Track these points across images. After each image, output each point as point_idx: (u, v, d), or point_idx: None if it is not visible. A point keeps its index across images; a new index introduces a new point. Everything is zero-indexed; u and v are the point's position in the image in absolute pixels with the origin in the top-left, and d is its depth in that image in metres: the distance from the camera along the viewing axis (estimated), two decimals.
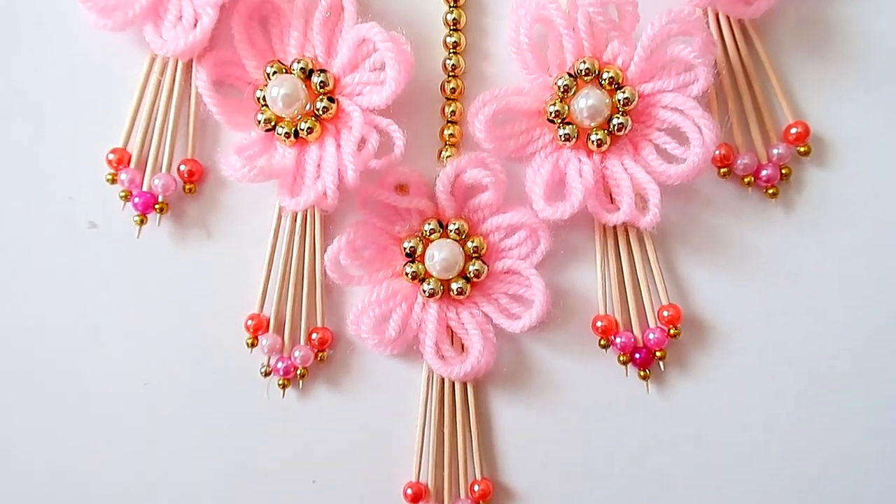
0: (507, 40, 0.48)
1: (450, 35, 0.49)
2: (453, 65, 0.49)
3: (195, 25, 0.46)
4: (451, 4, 0.49)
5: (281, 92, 0.46)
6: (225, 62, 0.49)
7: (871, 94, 0.50)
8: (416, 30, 0.50)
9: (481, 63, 0.50)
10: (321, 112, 0.47)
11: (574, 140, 0.47)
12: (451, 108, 0.50)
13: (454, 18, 0.49)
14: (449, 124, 0.50)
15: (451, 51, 0.49)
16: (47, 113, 0.50)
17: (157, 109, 0.50)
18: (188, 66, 0.49)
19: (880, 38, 0.50)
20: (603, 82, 0.47)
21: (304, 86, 0.47)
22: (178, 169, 0.49)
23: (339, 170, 0.46)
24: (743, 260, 0.50)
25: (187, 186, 0.50)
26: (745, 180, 0.50)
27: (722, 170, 0.50)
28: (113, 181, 0.49)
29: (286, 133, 0.47)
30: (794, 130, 0.49)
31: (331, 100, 0.47)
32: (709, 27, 0.49)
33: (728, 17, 0.49)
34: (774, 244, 0.50)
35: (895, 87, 0.50)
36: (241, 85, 0.49)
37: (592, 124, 0.47)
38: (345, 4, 0.47)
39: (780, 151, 0.49)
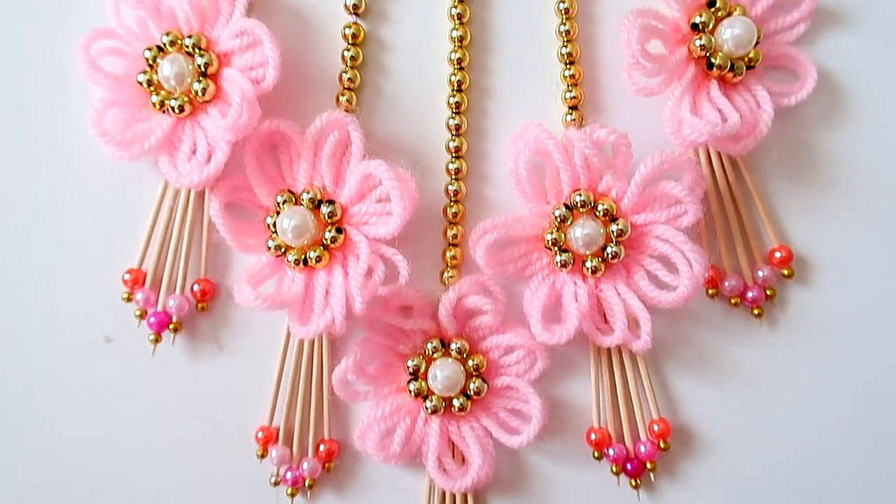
0: (506, 166, 0.51)
1: (452, 161, 0.52)
2: (455, 190, 0.52)
3: (209, 159, 0.49)
4: (454, 133, 0.52)
5: (291, 224, 0.49)
6: (237, 188, 0.51)
7: (852, 216, 0.53)
8: (419, 155, 0.52)
9: (482, 186, 0.53)
10: (329, 242, 0.49)
11: (570, 266, 0.50)
12: (452, 232, 0.52)
13: (456, 146, 0.52)
14: (451, 247, 0.52)
15: (454, 177, 0.52)
16: (65, 235, 0.52)
17: (171, 232, 0.52)
18: (201, 192, 0.51)
19: (861, 164, 0.53)
20: (598, 213, 0.49)
21: (312, 216, 0.49)
22: (192, 289, 0.52)
23: (346, 297, 0.49)
24: (730, 374, 0.53)
25: (200, 305, 0.52)
26: (732, 301, 0.52)
27: (710, 290, 0.52)
28: (128, 300, 0.52)
29: (296, 260, 0.49)
30: (778, 255, 0.52)
31: (339, 230, 0.49)
32: (698, 158, 0.52)
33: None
34: (759, 359, 0.53)
35: (874, 210, 0.53)
36: (252, 207, 0.51)
37: (588, 252, 0.50)
38: (352, 139, 0.49)
39: (765, 274, 0.52)
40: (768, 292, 0.52)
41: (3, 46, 0.53)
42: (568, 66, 0.51)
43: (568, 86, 0.51)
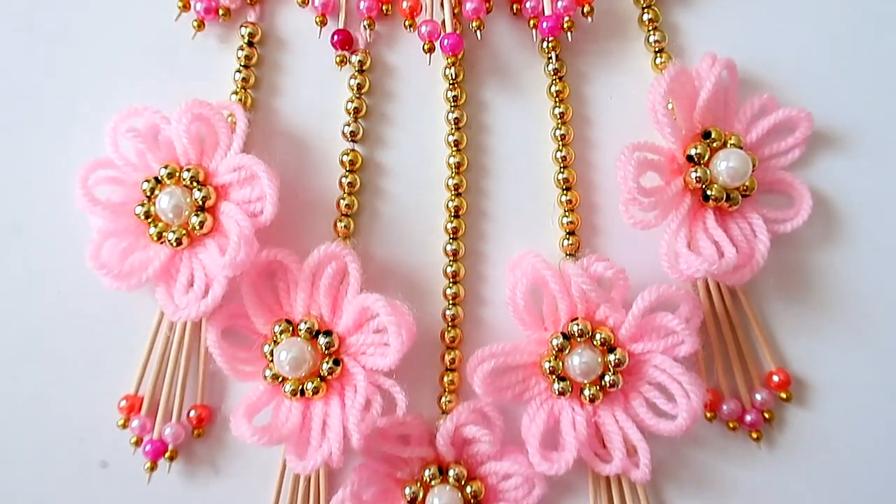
0: (504, 290, 0.51)
1: (449, 286, 0.52)
2: (452, 315, 0.52)
3: (206, 292, 0.49)
4: (451, 258, 0.52)
5: (289, 356, 0.48)
6: (234, 315, 0.51)
7: (849, 338, 0.53)
8: (417, 278, 0.53)
9: (480, 309, 0.53)
10: (327, 374, 0.49)
11: (569, 393, 0.50)
12: (450, 357, 0.52)
13: (454, 271, 0.52)
14: (448, 371, 0.52)
15: (451, 302, 0.52)
16: (61, 359, 0.52)
17: (168, 358, 0.52)
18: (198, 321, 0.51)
19: (856, 285, 0.53)
20: (595, 342, 0.49)
21: (310, 347, 0.49)
22: (188, 415, 0.52)
23: (344, 431, 0.48)
24: (729, 496, 0.52)
25: (196, 431, 0.52)
26: (731, 425, 0.52)
27: (708, 414, 0.52)
28: (124, 426, 0.52)
29: (293, 391, 0.49)
30: (775, 378, 0.52)
31: (336, 362, 0.49)
32: (695, 283, 0.52)
33: None
34: (759, 481, 0.53)
35: (871, 331, 0.53)
36: (249, 333, 0.51)
37: (586, 381, 0.50)
38: (350, 270, 0.49)
39: (763, 397, 0.52)
40: (766, 415, 0.52)
41: (2, 167, 0.52)
42: (564, 192, 0.52)
43: (565, 211, 0.52)
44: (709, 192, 0.49)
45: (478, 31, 0.50)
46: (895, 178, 0.53)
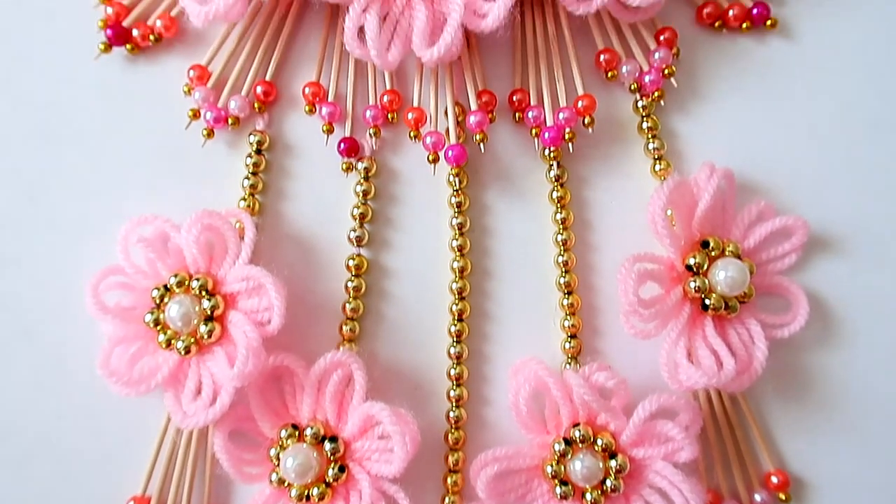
0: (507, 392, 0.52)
1: (453, 388, 0.53)
2: (456, 417, 0.52)
3: (214, 400, 0.50)
4: (455, 361, 0.53)
5: (295, 463, 0.49)
6: (241, 418, 0.51)
7: (847, 437, 0.53)
8: (421, 379, 0.53)
9: (483, 409, 0.53)
10: (332, 480, 0.50)
11: (571, 497, 0.51)
12: (454, 458, 0.53)
13: (457, 374, 0.53)
14: (451, 473, 0.53)
15: (455, 404, 0.53)
16: (69, 459, 0.53)
17: (175, 460, 0.52)
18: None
19: (853, 386, 0.53)
20: (597, 448, 0.50)
21: (316, 453, 0.50)
22: None
23: None
24: None
25: None
26: None
27: None
28: None
29: (298, 496, 0.50)
30: (774, 479, 0.53)
31: (341, 469, 0.50)
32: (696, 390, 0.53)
33: None
34: None
35: (868, 431, 0.53)
36: (255, 435, 0.52)
37: (588, 485, 0.50)
38: (355, 378, 0.50)
39: (763, 498, 0.53)
40: None
41: (14, 271, 0.53)
42: (566, 296, 0.53)
43: (566, 314, 0.53)
44: (708, 302, 0.50)
45: (481, 144, 0.51)
46: (890, 280, 0.54)
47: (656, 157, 0.53)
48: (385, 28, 0.48)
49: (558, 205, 0.53)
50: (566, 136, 0.51)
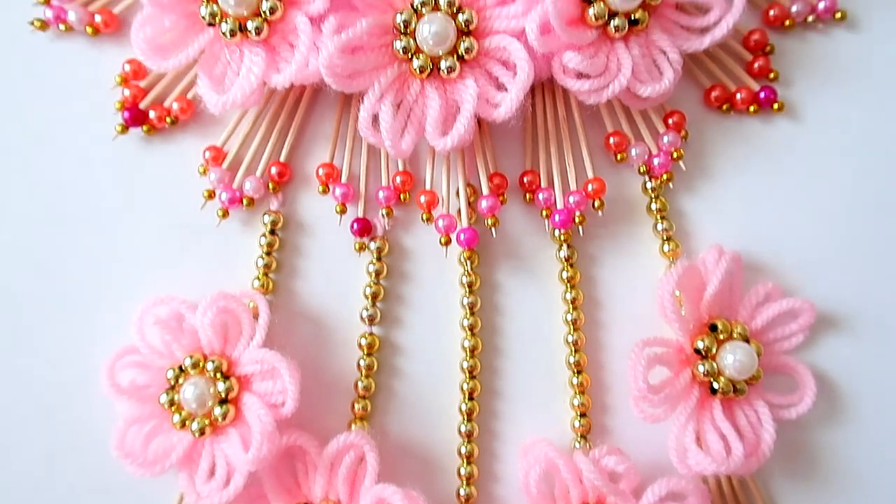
0: (517, 470, 0.52)
1: (463, 466, 0.53)
2: (466, 496, 0.53)
3: (228, 481, 0.50)
4: (465, 439, 0.53)
5: None
6: (254, 497, 0.52)
7: None
8: (431, 456, 0.54)
9: (493, 486, 0.54)
10: None
11: None
12: None
13: (468, 452, 0.53)
14: None
15: (465, 482, 0.53)
16: None
17: None
18: None
19: (858, 465, 0.54)
20: None
21: None
22: None
23: None
24: None
25: None
26: None
27: None
28: None
29: None
30: None
31: None
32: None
33: None
34: None
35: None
36: None
37: None
38: (367, 459, 0.51)
39: None
40: None
41: (30, 349, 0.53)
42: (576, 374, 0.53)
43: (576, 393, 0.53)
44: (716, 385, 0.51)
45: (493, 229, 0.52)
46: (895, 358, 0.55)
47: (665, 237, 0.54)
48: (399, 116, 0.49)
49: (568, 285, 0.54)
50: (576, 220, 0.52)
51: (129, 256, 0.54)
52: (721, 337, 0.52)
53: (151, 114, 0.53)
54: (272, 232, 0.53)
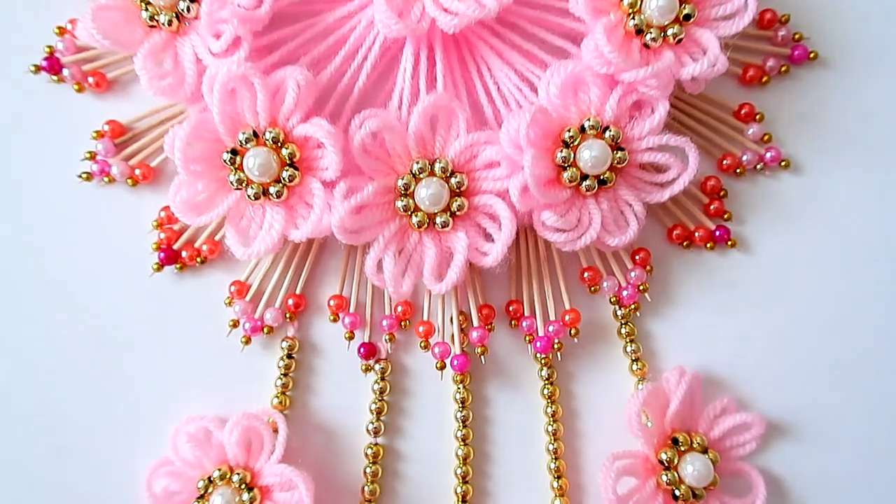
0: None
1: None
2: None
3: None
4: None
5: None
6: None
7: None
8: None
9: None
10: None
11: None
12: None
13: None
14: None
15: None
16: None
17: None
18: None
19: None
20: None
21: None
22: None
23: None
24: None
25: None
26: None
27: None
28: None
29: None
30: None
31: None
32: None
33: None
34: None
35: None
36: None
37: None
38: None
39: None
40: None
41: (72, 463, 0.60)
42: (556, 479, 0.60)
43: (556, 495, 0.60)
44: (677, 493, 0.58)
45: (482, 357, 0.59)
46: (839, 462, 0.61)
47: (633, 358, 0.61)
48: (399, 262, 0.56)
49: (549, 400, 0.61)
50: (555, 346, 0.60)
51: (163, 377, 0.61)
52: (682, 448, 0.59)
53: (184, 253, 0.60)
54: (289, 356, 0.61)
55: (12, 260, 0.61)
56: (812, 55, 0.62)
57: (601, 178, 0.55)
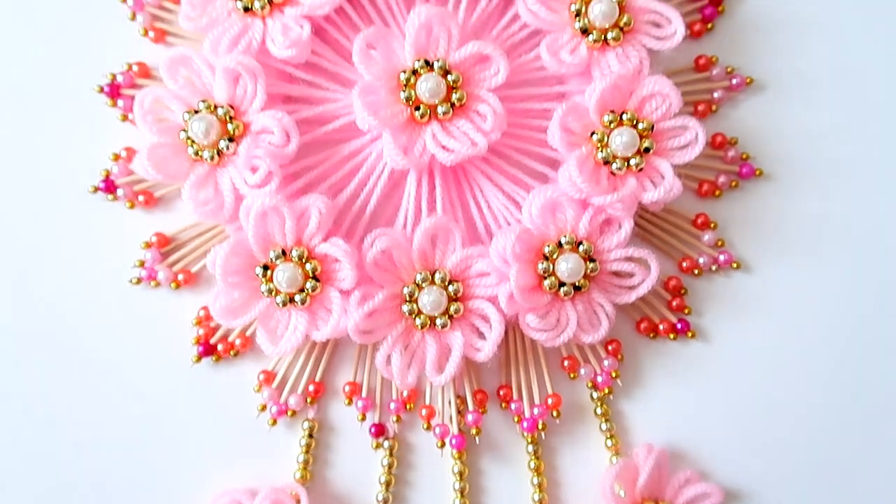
0: None
1: None
2: None
3: None
4: None
5: None
6: None
7: None
8: None
9: None
10: None
11: None
12: None
13: None
14: None
15: None
16: None
17: None
18: None
19: None
20: None
21: None
22: None
23: None
24: None
25: None
26: None
27: None
28: None
29: None
30: None
31: None
32: None
33: None
34: None
35: None
36: None
37: None
38: None
39: None
40: None
41: None
42: None
43: None
44: None
45: (476, 437, 0.69)
46: None
47: (608, 435, 0.70)
48: (405, 357, 0.66)
49: (535, 472, 0.70)
50: (539, 425, 0.69)
51: (199, 454, 0.70)
52: None
53: (219, 347, 0.70)
54: (310, 435, 0.70)
55: (70, 350, 0.71)
56: (757, 171, 0.72)
57: (577, 285, 0.65)
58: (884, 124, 0.74)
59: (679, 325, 0.71)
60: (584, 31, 0.66)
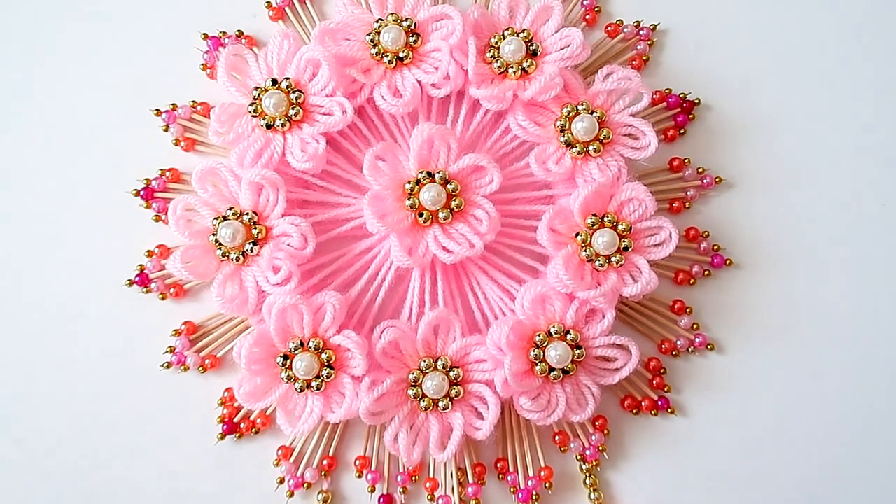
0: None
1: None
2: None
3: None
4: None
5: None
6: None
7: None
8: None
9: None
10: None
11: None
12: None
13: None
14: None
15: None
16: None
17: None
18: None
19: None
20: None
21: None
22: None
23: None
24: None
25: None
26: None
27: None
28: None
29: None
30: None
31: None
32: None
33: None
34: None
35: None
36: None
37: None
38: None
39: None
40: None
41: None
42: None
43: None
44: None
45: None
46: None
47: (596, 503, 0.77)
48: (410, 435, 0.73)
49: None
50: (533, 496, 0.76)
51: None
52: None
53: (242, 425, 0.77)
54: None
55: (107, 430, 0.78)
56: (728, 261, 0.80)
57: (565, 369, 0.72)
58: (843, 215, 0.82)
59: (660, 402, 0.78)
60: (569, 144, 0.74)
